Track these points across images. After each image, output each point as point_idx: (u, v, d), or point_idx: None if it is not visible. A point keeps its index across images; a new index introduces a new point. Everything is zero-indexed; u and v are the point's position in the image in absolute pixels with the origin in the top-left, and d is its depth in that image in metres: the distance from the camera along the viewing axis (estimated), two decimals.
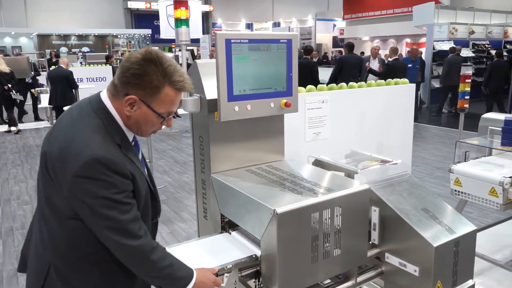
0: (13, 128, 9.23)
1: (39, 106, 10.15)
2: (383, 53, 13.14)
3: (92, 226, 1.28)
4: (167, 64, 1.32)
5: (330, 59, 20.33)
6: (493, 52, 11.55)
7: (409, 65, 9.64)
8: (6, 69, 8.98)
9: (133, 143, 1.44)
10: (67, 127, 1.33)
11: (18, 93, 9.01)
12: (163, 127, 1.47)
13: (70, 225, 1.31)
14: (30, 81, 11.44)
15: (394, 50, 9.54)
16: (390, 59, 9.33)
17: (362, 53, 16.01)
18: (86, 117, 1.33)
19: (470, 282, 1.79)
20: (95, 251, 1.34)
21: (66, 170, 1.24)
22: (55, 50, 15.73)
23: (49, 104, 7.93)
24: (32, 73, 11.62)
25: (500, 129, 3.04)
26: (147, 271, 1.33)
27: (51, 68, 8.94)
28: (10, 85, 8.84)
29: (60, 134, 1.32)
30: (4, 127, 9.78)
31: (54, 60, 12.42)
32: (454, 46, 11.03)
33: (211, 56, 15.31)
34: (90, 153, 1.22)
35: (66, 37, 20.31)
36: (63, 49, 17.89)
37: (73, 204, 1.27)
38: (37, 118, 10.63)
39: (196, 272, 1.43)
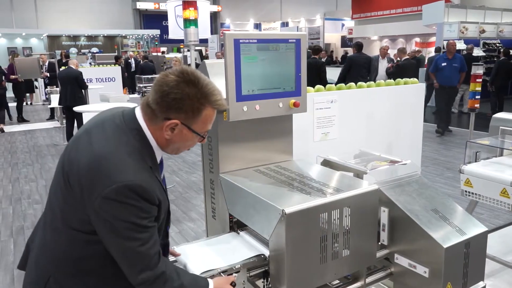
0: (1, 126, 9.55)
1: (49, 106, 10.26)
2: (392, 52, 13.04)
3: (111, 247, 1.26)
4: (205, 84, 1.29)
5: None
6: None
7: (444, 64, 8.03)
8: None
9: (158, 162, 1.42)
10: (99, 142, 1.28)
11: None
12: None
13: (81, 239, 1.29)
14: (47, 81, 11.61)
15: (402, 51, 9.51)
16: (400, 60, 9.29)
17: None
18: (121, 135, 1.29)
19: (481, 284, 1.77)
20: (100, 265, 1.32)
21: (95, 190, 1.21)
22: (65, 50, 15.87)
23: (59, 104, 8.00)
24: (47, 74, 11.78)
25: None
26: None
27: (61, 69, 9.01)
28: None
29: (91, 148, 1.27)
30: (16, 127, 9.92)
31: (64, 60, 12.53)
32: (439, 46, 10.91)
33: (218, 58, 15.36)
34: (124, 179, 1.20)
35: (75, 38, 20.47)
36: (73, 50, 18.06)
37: (96, 223, 1.25)
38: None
39: (213, 284, 1.43)
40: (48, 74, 11.91)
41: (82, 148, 1.29)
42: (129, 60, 16.13)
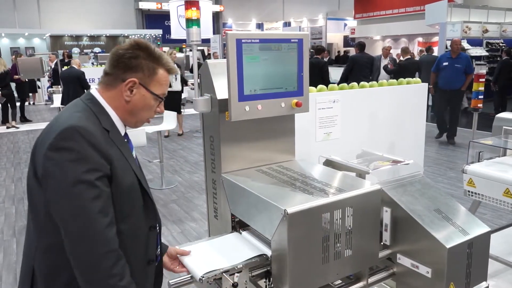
0: (8, 125, 9.96)
1: (51, 106, 10.32)
2: (394, 52, 13.03)
3: (57, 214, 1.19)
4: (155, 49, 1.39)
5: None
6: None
7: (445, 64, 7.33)
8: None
9: (125, 140, 1.41)
10: (53, 120, 1.33)
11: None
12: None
13: (45, 224, 1.25)
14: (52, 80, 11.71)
15: (405, 50, 9.52)
16: (402, 59, 9.28)
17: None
18: (72, 106, 1.35)
19: (483, 284, 1.76)
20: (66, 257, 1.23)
21: (43, 147, 1.20)
22: (67, 50, 15.90)
23: (61, 104, 8.02)
24: (52, 65, 11.88)
25: None
26: (96, 284, 1.19)
27: (63, 69, 9.03)
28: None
29: (47, 127, 1.31)
30: (24, 126, 9.96)
31: (66, 60, 12.57)
32: (430, 46, 10.86)
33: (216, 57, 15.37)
34: (68, 123, 1.21)
35: (78, 37, 20.51)
36: (75, 50, 18.07)
37: (45, 186, 1.19)
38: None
39: None
40: (52, 65, 12.01)
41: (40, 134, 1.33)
42: None
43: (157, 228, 1.52)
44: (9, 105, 9.97)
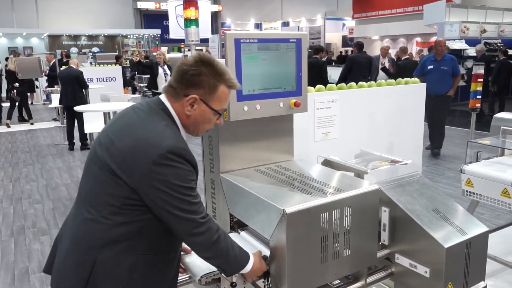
0: (8, 121, 10.15)
1: (49, 106, 10.32)
2: (393, 52, 13.04)
3: (164, 213, 1.34)
4: (219, 64, 1.44)
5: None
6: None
7: (430, 67, 6.55)
8: (13, 68, 9.82)
9: None
10: (136, 124, 1.40)
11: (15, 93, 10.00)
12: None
13: (118, 220, 1.35)
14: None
15: (403, 50, 9.49)
16: (401, 59, 9.27)
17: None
18: (154, 114, 1.42)
19: (481, 284, 1.77)
20: (134, 244, 1.37)
21: (143, 160, 1.30)
22: (65, 50, 15.85)
23: (59, 104, 8.00)
24: (48, 68, 11.90)
25: None
26: (213, 253, 1.42)
27: (61, 68, 9.00)
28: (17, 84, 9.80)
29: (131, 130, 1.38)
30: (16, 126, 9.94)
31: (64, 60, 12.53)
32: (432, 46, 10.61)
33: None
34: (169, 143, 1.32)
35: (76, 37, 20.45)
36: (74, 50, 18.04)
37: (147, 194, 1.32)
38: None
39: (252, 262, 1.53)
40: (47, 69, 12.01)
41: (120, 134, 1.39)
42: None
43: None
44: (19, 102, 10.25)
